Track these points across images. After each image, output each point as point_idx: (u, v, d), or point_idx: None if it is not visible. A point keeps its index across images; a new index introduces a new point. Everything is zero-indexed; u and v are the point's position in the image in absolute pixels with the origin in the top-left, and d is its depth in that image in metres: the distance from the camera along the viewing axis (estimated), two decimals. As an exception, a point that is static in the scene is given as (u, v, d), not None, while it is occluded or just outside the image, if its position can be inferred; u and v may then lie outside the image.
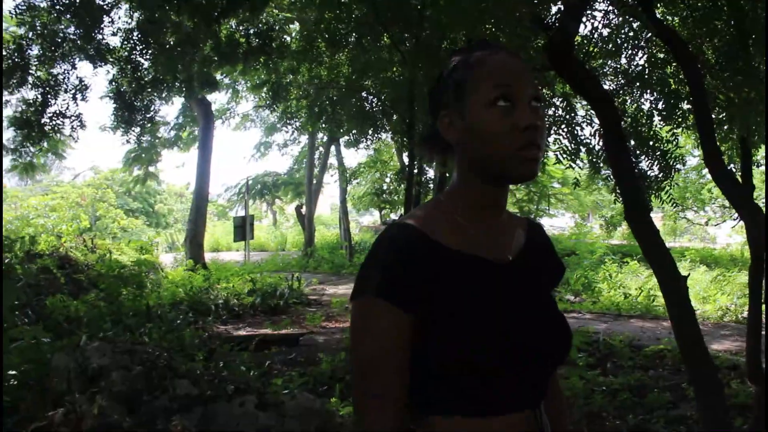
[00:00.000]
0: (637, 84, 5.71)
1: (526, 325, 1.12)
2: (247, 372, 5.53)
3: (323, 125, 11.50)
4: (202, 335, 7.20)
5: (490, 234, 1.18)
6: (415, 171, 8.68)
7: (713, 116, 5.06)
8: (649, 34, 5.46)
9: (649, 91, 5.69)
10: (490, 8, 4.89)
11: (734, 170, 5.81)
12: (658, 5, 5.22)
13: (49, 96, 7.86)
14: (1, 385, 4.36)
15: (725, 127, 5.61)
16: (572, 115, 6.23)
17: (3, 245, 6.21)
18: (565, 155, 6.10)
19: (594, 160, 6.47)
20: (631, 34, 5.55)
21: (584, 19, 5.14)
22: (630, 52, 5.67)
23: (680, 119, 5.63)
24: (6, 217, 25.34)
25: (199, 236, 15.33)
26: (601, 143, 5.92)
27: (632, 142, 5.71)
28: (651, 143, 5.74)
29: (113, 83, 8.30)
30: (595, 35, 5.57)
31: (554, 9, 5.28)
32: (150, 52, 8.30)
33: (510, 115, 1.09)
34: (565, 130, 6.07)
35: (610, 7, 5.43)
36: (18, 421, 4.47)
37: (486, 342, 1.06)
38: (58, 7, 8.01)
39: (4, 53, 7.40)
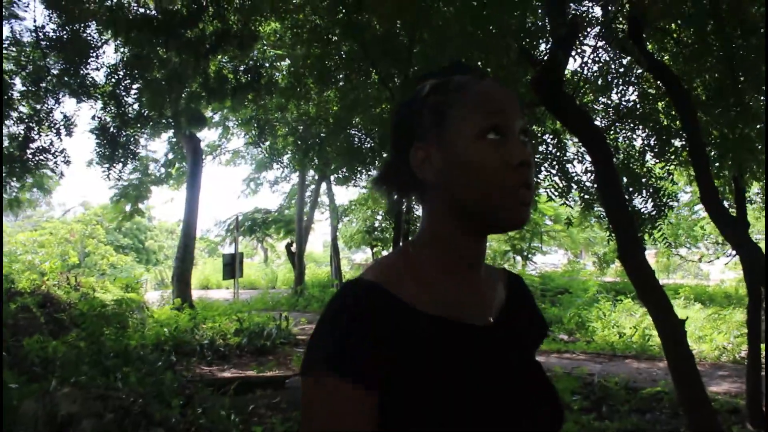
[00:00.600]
0: (629, 120, 5.63)
1: (511, 401, 0.93)
2: (227, 418, 5.29)
3: (312, 163, 11.37)
4: (181, 379, 6.92)
5: (467, 292, 0.99)
6: (404, 208, 8.52)
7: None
8: (640, 70, 5.40)
9: (640, 127, 5.60)
10: (479, 43, 4.81)
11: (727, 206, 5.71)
12: (648, 42, 5.17)
13: (32, 131, 7.73)
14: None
15: (717, 165, 5.53)
16: (563, 152, 6.12)
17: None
18: (556, 193, 5.97)
19: (586, 197, 6.36)
20: (621, 69, 5.48)
21: (574, 54, 5.08)
22: (621, 87, 5.60)
23: (672, 156, 5.53)
24: (-7, 254, 24.97)
25: (186, 274, 15.08)
26: (592, 180, 5.82)
27: (624, 179, 5.61)
28: (644, 180, 5.63)
29: (96, 119, 8.18)
30: (585, 71, 5.50)
31: (543, 44, 5.22)
32: (136, 87, 8.20)
33: (499, 151, 0.93)
34: (556, 167, 5.95)
35: (600, 42, 5.38)
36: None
37: (465, 423, 0.87)
38: (44, 42, 7.94)
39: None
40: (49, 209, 39.34)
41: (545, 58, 4.57)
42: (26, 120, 7.87)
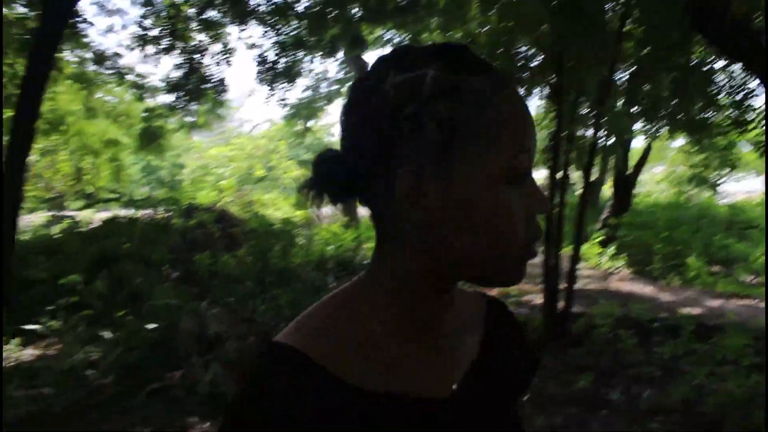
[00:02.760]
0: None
1: None
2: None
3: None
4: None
5: (427, 348, 0.74)
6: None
7: None
8: None
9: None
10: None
11: None
12: None
13: (193, 61, 8.17)
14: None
15: None
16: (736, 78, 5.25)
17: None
18: (732, 126, 5.19)
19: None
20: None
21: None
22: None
23: None
24: (190, 166, 27.80)
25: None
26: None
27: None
28: None
29: (254, 47, 8.46)
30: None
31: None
32: (294, 13, 8.32)
33: (522, 196, 0.69)
34: (730, 98, 5.14)
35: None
36: (139, 379, 4.72)
37: None
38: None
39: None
40: (239, 124, 42.25)
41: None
42: (189, 50, 8.31)
